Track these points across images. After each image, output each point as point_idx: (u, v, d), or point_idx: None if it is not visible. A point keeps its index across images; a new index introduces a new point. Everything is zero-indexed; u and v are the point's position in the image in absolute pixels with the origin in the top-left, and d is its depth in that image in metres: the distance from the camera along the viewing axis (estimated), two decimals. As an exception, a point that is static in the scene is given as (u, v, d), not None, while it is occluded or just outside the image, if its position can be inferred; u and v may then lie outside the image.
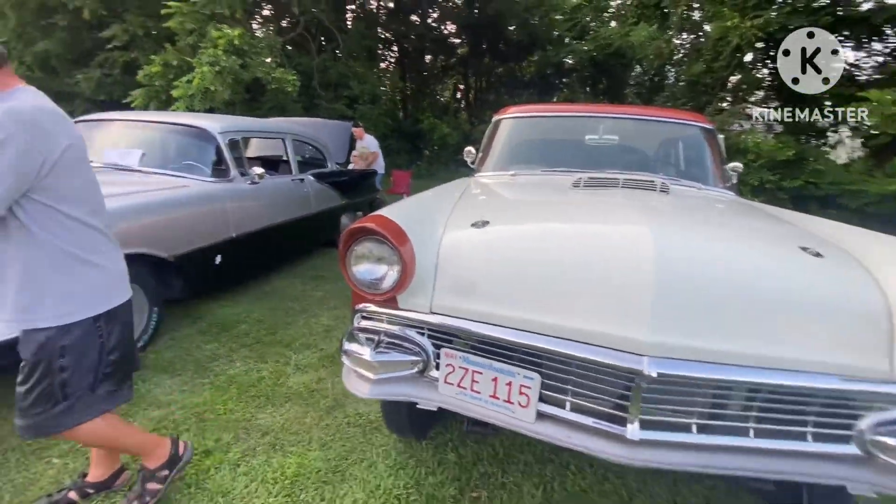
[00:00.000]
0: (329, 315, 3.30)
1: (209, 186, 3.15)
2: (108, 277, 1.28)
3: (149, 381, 2.35)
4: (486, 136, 2.85)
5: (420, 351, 1.31)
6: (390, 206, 1.58)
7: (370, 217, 1.34)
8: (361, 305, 1.39)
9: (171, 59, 6.93)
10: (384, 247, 1.26)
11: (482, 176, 2.52)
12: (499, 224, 1.39)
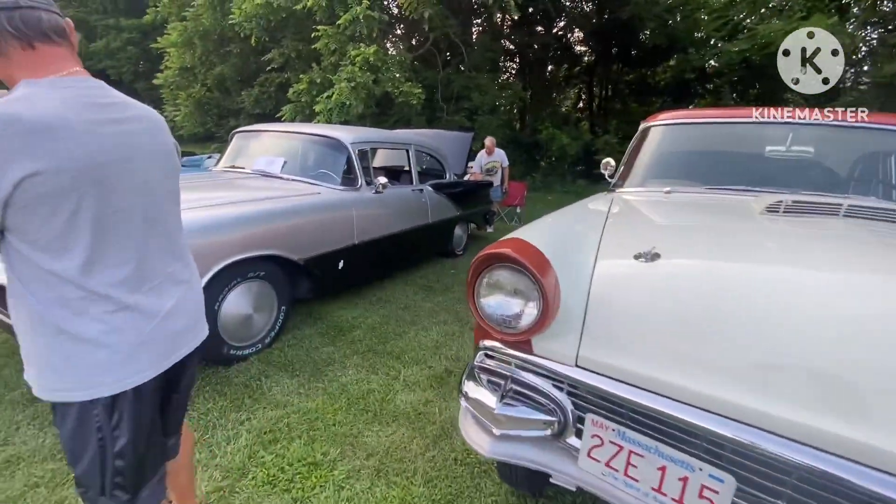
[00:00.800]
0: (438, 330, 3.19)
1: (338, 194, 3.28)
2: (106, 356, 0.88)
3: (271, 377, 2.46)
4: (630, 145, 2.48)
5: (556, 409, 1.06)
6: (526, 228, 1.36)
7: (506, 241, 1.14)
8: (487, 343, 1.18)
9: (316, 78, 7.71)
10: (522, 277, 1.04)
11: (627, 192, 2.16)
12: (675, 257, 1.08)
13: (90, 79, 0.89)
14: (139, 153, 0.92)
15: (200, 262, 2.32)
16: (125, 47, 21.68)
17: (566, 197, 11.82)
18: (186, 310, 1.04)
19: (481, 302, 1.11)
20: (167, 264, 0.99)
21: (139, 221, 0.92)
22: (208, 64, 11.57)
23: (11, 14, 0.80)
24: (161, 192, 0.99)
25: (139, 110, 0.97)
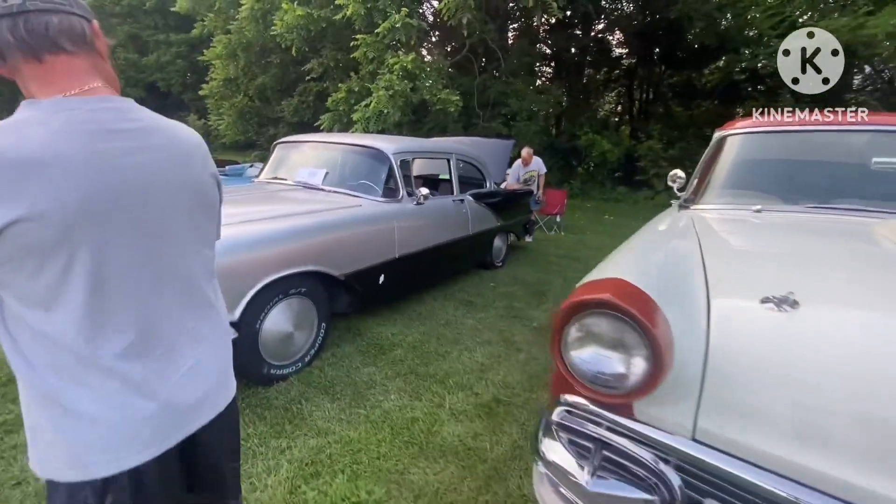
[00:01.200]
0: (483, 351, 3.01)
1: (380, 206, 3.17)
2: (102, 432, 0.73)
3: (311, 400, 2.35)
4: (705, 156, 2.24)
5: (659, 486, 0.87)
6: (612, 262, 1.17)
7: (602, 283, 0.95)
8: (571, 398, 1.00)
9: (354, 87, 7.74)
10: (627, 328, 0.85)
11: (704, 209, 1.92)
12: (820, 305, 0.87)
13: (108, 98, 0.73)
14: (158, 190, 0.75)
15: (243, 280, 2.26)
16: (174, 61, 22.77)
17: (606, 204, 11.40)
18: (206, 373, 0.86)
19: (571, 355, 0.93)
20: (185, 320, 0.82)
21: (151, 273, 0.76)
22: (250, 74, 11.94)
23: (15, 21, 0.66)
24: (184, 235, 0.81)
25: (167, 136, 0.79)
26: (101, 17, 3.06)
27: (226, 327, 0.95)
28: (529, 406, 2.40)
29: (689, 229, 1.52)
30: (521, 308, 3.89)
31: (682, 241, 1.33)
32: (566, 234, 7.33)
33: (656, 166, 10.88)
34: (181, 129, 0.84)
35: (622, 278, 0.92)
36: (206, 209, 0.86)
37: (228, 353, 0.95)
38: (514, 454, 2.02)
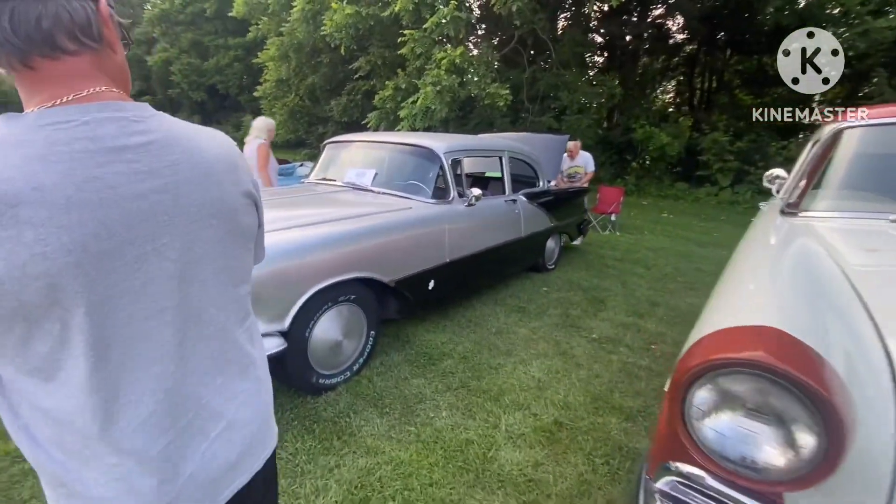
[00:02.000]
0: (539, 365, 2.80)
1: (430, 209, 3.02)
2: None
3: (360, 414, 2.25)
4: (813, 154, 1.90)
5: None
6: (740, 298, 0.93)
7: (747, 332, 0.72)
8: (686, 468, 0.79)
9: (401, 83, 7.66)
10: (789, 396, 0.63)
11: (821, 218, 1.61)
12: None
13: (112, 104, 0.57)
14: (175, 223, 0.59)
15: (293, 288, 2.18)
16: (232, 64, 23.88)
17: (663, 202, 10.69)
18: (242, 433, 0.72)
19: (700, 425, 0.72)
20: (216, 376, 0.68)
21: (171, 329, 0.61)
22: (301, 75, 12.23)
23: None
24: (212, 276, 0.65)
25: (185, 150, 0.61)
26: (167, 26, 3.00)
27: (263, 374, 0.80)
28: (595, 433, 2.17)
29: (814, 245, 1.24)
30: (577, 316, 3.63)
31: (815, 262, 1.07)
32: (621, 234, 6.90)
33: (721, 160, 10.07)
34: (204, 137, 0.66)
35: (769, 325, 0.70)
36: (237, 238, 0.69)
37: (268, 403, 0.80)
38: (582, 490, 1.81)
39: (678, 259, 5.63)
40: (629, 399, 2.48)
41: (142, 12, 29.01)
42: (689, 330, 3.15)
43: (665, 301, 4.11)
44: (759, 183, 9.76)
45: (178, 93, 26.35)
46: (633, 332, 3.40)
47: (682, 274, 5.00)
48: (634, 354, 3.03)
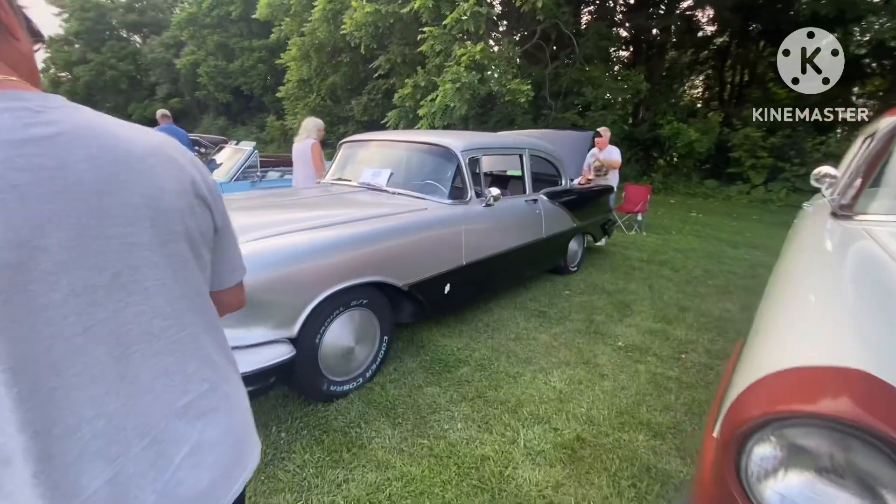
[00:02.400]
0: (560, 375, 2.65)
1: (446, 209, 2.91)
2: None
3: (371, 424, 2.16)
4: (868, 150, 1.70)
5: None
6: (806, 325, 0.78)
7: (823, 375, 0.58)
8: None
9: (420, 81, 7.57)
10: (880, 457, 0.50)
11: (877, 221, 1.42)
12: None
13: (12, 94, 0.49)
14: (98, 224, 0.51)
15: (302, 293, 2.09)
16: (256, 65, 24.29)
17: (692, 200, 10.29)
18: (214, 454, 0.65)
19: (759, 489, 0.58)
20: (176, 396, 0.61)
21: (103, 346, 0.53)
22: (322, 75, 12.30)
23: None
24: (154, 283, 0.57)
25: (107, 143, 0.53)
26: (194, 29, 2.96)
27: (235, 388, 0.73)
28: (621, 451, 2.02)
29: (879, 253, 1.07)
30: (602, 322, 3.46)
31: (884, 276, 0.90)
32: (648, 235, 6.63)
33: (753, 157, 9.61)
34: (130, 130, 0.58)
35: (853, 366, 0.55)
36: (183, 242, 0.61)
37: (244, 420, 0.73)
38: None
39: (708, 260, 5.36)
40: (658, 414, 2.31)
41: (170, 16, 29.86)
42: (720, 337, 2.97)
43: (695, 306, 3.89)
44: (795, 180, 9.30)
45: (205, 94, 26.98)
46: (662, 339, 3.22)
47: (712, 276, 4.74)
48: (663, 364, 2.85)
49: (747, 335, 1.20)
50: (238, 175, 5.09)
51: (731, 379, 0.80)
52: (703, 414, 2.33)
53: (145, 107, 30.84)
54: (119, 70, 31.08)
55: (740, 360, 0.83)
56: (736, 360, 1.06)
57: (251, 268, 1.87)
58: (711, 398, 2.37)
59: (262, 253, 1.94)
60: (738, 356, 1.05)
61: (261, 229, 2.14)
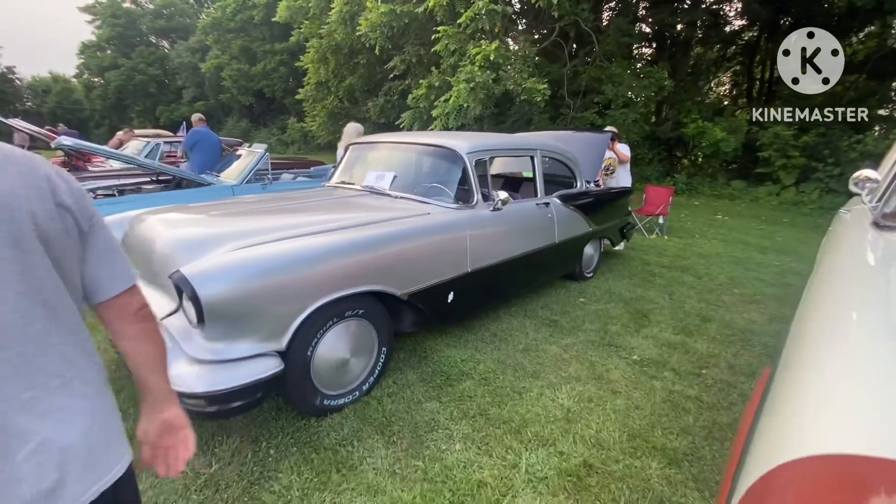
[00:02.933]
0: (568, 391, 2.49)
1: (451, 214, 2.78)
2: None
3: (364, 442, 2.04)
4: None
5: None
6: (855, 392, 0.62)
7: (878, 472, 0.43)
8: None
9: (435, 82, 7.46)
10: None
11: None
12: None
13: None
14: None
15: (291, 303, 1.98)
16: (277, 68, 24.69)
17: (717, 202, 9.87)
18: (62, 452, 0.65)
19: None
20: (19, 390, 0.62)
21: None
22: (340, 77, 12.34)
23: None
24: (7, 279, 0.61)
25: None
26: (219, 34, 2.99)
27: (98, 390, 0.74)
28: (632, 480, 1.85)
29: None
30: (617, 333, 3.27)
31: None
32: (669, 238, 6.35)
33: (784, 156, 9.15)
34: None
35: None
36: (34, 245, 0.64)
37: (106, 425, 0.74)
38: (612, 558, 1.51)
39: (734, 266, 5.07)
40: (674, 438, 2.13)
41: (196, 21, 30.65)
42: (745, 351, 2.74)
43: (718, 316, 3.65)
44: (829, 181, 8.81)
45: (229, 97, 27.59)
46: (681, 352, 3.01)
47: (738, 284, 4.47)
48: (681, 381, 2.65)
49: (776, 366, 1.04)
50: (249, 178, 5.08)
51: (751, 437, 0.65)
52: (725, 440, 2.13)
53: (172, 110, 31.81)
54: (148, 74, 32.13)
55: (764, 413, 0.67)
56: (760, 400, 0.90)
57: (236, 278, 1.78)
58: (728, 448, 2.18)
59: (247, 262, 1.85)
60: (764, 394, 0.90)
61: (249, 236, 2.06)
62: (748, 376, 2.73)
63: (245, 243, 1.99)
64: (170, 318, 1.85)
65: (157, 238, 2.13)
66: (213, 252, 1.93)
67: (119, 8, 32.90)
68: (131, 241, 2.38)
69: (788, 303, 3.98)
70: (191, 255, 1.90)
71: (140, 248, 2.23)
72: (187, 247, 1.97)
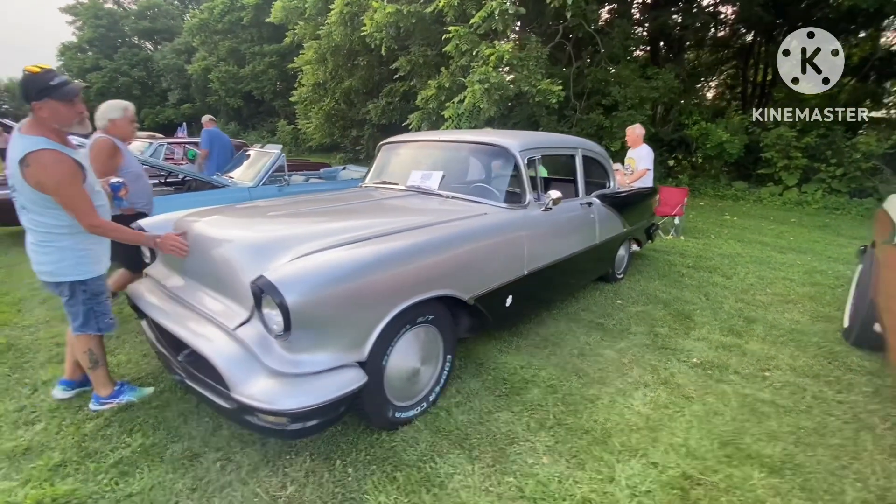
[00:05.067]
0: (641, 397, 2.39)
1: (507, 214, 2.67)
2: None
3: (444, 458, 1.91)
4: None
5: None
6: None
7: None
8: None
9: (445, 82, 7.35)
10: None
11: None
12: None
13: None
14: None
15: (374, 310, 1.81)
16: (267, 70, 24.29)
17: (722, 202, 9.94)
18: None
19: None
20: None
21: None
22: (338, 78, 12.15)
23: None
24: None
25: None
26: (206, 35, 3.02)
27: None
28: (738, 492, 1.75)
29: None
30: (666, 335, 3.19)
31: None
32: (686, 239, 6.34)
33: (786, 157, 9.28)
34: None
35: None
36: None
37: None
38: (751, 580, 1.41)
39: (759, 266, 5.06)
40: (765, 444, 2.05)
41: (181, 23, 30.04)
42: (801, 353, 2.73)
43: (761, 317, 3.61)
44: (831, 181, 8.93)
45: (216, 100, 27.03)
46: (738, 355, 2.95)
47: (769, 284, 4.45)
48: (749, 384, 2.58)
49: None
50: (265, 179, 4.89)
51: None
52: (817, 446, 2.05)
53: (157, 112, 31.04)
54: (131, 76, 31.31)
55: None
56: None
57: (323, 282, 1.63)
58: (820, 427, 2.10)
59: (332, 266, 1.71)
60: None
61: (318, 239, 1.92)
62: (813, 378, 2.67)
63: (317, 246, 1.85)
64: (244, 328, 1.70)
65: (221, 242, 1.97)
66: (285, 256, 1.78)
67: (101, 9, 32.06)
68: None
69: (824, 302, 3.97)
70: (265, 260, 1.75)
71: (196, 251, 2.06)
72: (259, 251, 1.82)
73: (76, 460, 1.87)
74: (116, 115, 2.79)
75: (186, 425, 2.10)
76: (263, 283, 1.54)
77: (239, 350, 1.65)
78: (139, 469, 1.82)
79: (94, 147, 2.72)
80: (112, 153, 2.75)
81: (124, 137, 2.86)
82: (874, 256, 3.03)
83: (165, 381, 2.47)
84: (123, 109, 2.81)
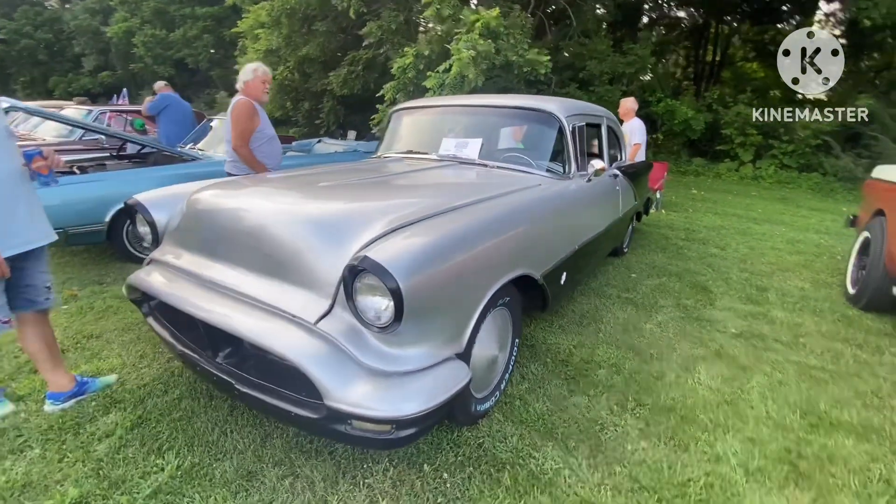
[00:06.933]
0: (704, 371, 2.35)
1: (559, 185, 2.48)
2: None
3: (540, 451, 1.74)
4: None
5: None
6: None
7: None
8: None
9: (424, 50, 6.93)
10: None
11: None
12: None
13: None
14: None
15: (473, 292, 1.57)
16: (201, 35, 22.07)
17: (685, 178, 10.36)
18: None
19: None
20: None
21: None
22: (293, 45, 11.17)
23: None
24: None
25: None
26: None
27: None
28: (843, 461, 1.73)
29: None
30: (693, 307, 3.20)
31: None
32: (667, 213, 6.52)
33: (742, 134, 9.80)
34: None
35: None
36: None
37: None
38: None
39: (745, 238, 5.29)
40: (839, 411, 2.06)
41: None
42: (821, 319, 2.84)
43: (769, 285, 3.73)
44: (783, 157, 9.53)
45: (142, 67, 24.23)
46: (767, 323, 3.01)
47: (762, 254, 4.64)
48: (794, 351, 2.63)
49: None
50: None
51: None
52: (883, 408, 2.10)
53: (70, 80, 27.38)
54: (35, 39, 27.28)
55: None
56: None
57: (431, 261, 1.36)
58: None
59: (435, 241, 1.44)
60: None
61: (397, 212, 1.62)
62: (843, 343, 2.77)
63: (400, 220, 1.56)
64: (326, 321, 1.39)
65: (277, 218, 1.61)
66: (367, 232, 1.48)
67: (-9, -44, 27.41)
68: (204, 222, 1.82)
69: (816, 269, 4.19)
70: (347, 239, 1.44)
71: (234, 231, 1.69)
72: (336, 228, 1.50)
73: (100, 494, 1.50)
74: (248, 76, 2.84)
75: (228, 438, 1.77)
76: (370, 265, 1.25)
77: (326, 348, 1.35)
78: (188, 499, 1.49)
79: (234, 108, 2.78)
80: (251, 114, 2.78)
81: (258, 98, 2.91)
82: (884, 225, 3.17)
83: (181, 387, 2.09)
84: (253, 70, 2.85)
